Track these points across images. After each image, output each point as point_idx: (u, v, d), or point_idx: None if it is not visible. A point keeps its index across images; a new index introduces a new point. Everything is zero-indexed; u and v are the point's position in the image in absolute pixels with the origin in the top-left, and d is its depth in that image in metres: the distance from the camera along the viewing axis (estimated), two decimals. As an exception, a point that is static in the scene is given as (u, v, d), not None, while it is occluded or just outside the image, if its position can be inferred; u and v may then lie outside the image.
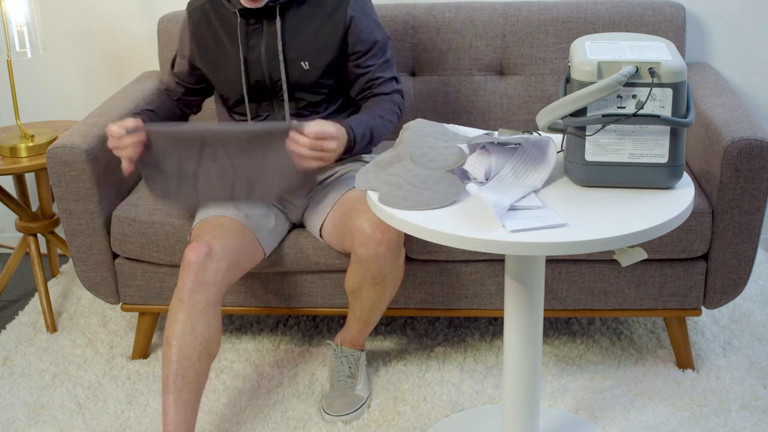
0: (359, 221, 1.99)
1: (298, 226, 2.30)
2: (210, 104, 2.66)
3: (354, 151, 2.05)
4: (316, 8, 2.15)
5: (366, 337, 2.28)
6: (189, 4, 2.23)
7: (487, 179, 1.67)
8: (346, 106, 2.26)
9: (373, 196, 1.67)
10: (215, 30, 2.18)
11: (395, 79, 2.22)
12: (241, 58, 2.14)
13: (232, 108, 2.25)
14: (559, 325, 2.57)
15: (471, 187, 1.59)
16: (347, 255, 2.21)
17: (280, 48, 2.12)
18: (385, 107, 2.16)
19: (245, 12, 2.13)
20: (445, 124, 1.87)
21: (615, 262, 2.26)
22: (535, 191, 1.66)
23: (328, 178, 2.25)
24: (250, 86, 2.17)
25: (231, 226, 2.07)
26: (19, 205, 2.73)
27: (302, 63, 2.14)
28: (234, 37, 2.15)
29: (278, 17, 2.12)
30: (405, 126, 1.85)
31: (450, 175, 1.68)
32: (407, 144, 1.76)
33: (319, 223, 2.18)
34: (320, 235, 2.20)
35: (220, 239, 2.01)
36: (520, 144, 1.72)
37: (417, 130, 1.81)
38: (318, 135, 1.90)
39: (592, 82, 1.61)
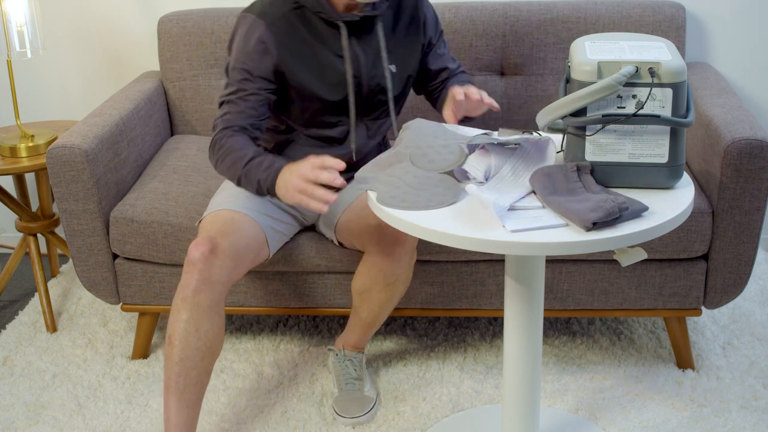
0: (376, 220, 1.99)
1: (307, 229, 2.28)
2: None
3: None
4: (398, 11, 2.12)
5: (368, 340, 2.28)
6: (260, 17, 2.01)
7: (486, 179, 1.66)
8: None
9: (372, 196, 1.67)
10: (309, 41, 2.04)
11: (458, 64, 2.25)
12: (349, 71, 2.04)
13: (315, 118, 2.10)
14: (559, 325, 2.57)
15: (471, 187, 1.59)
16: (354, 253, 2.21)
17: (384, 56, 2.07)
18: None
19: (347, 23, 2.04)
20: (445, 124, 1.87)
21: (615, 262, 2.26)
22: (535, 191, 1.66)
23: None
24: (332, 92, 2.08)
25: (242, 221, 2.04)
26: (19, 205, 2.73)
27: (390, 66, 2.10)
28: (334, 49, 2.04)
29: (379, 23, 2.07)
30: (405, 126, 1.85)
31: (448, 178, 1.68)
32: (406, 145, 1.76)
33: (335, 222, 2.17)
34: (335, 234, 2.19)
35: (227, 236, 1.98)
36: (519, 144, 1.72)
37: (417, 131, 1.80)
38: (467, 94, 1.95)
39: (592, 82, 1.61)
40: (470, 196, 1.64)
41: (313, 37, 2.03)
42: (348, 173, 2.17)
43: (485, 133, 1.78)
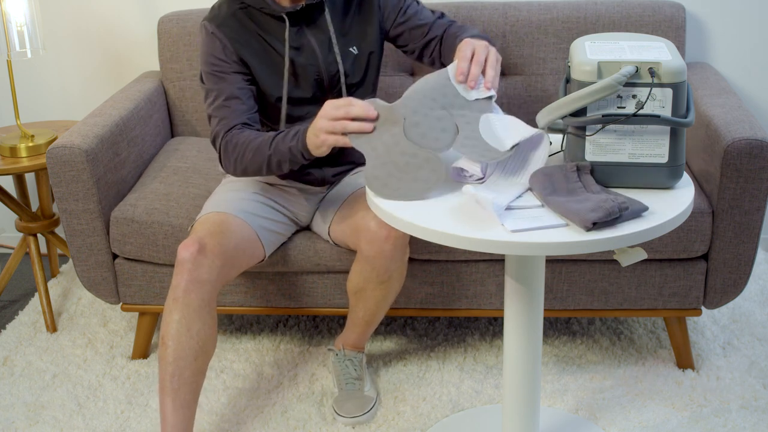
0: (365, 218, 1.99)
1: (304, 229, 2.29)
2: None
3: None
4: None
5: (367, 339, 2.28)
6: (210, 21, 2.06)
7: (484, 175, 1.66)
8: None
9: (370, 195, 1.67)
10: (258, 36, 2.07)
11: (441, 15, 2.16)
12: (287, 62, 2.06)
13: (278, 113, 2.13)
14: (559, 325, 2.57)
15: (468, 187, 1.59)
16: (352, 253, 2.21)
17: (334, 40, 2.08)
18: (467, 31, 2.08)
19: (290, 14, 2.06)
20: (450, 71, 1.79)
21: (615, 262, 2.26)
22: (531, 189, 1.66)
23: (338, 175, 2.24)
24: (296, 87, 2.09)
25: (231, 222, 2.06)
26: (19, 205, 2.73)
27: (350, 49, 2.10)
28: (281, 41, 2.07)
29: (327, 9, 2.07)
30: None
31: (434, 159, 1.66)
32: (404, 103, 1.72)
33: (328, 222, 2.18)
34: (328, 233, 2.19)
35: (215, 236, 1.99)
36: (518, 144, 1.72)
37: (415, 90, 1.76)
38: (478, 59, 1.79)
39: (592, 82, 1.61)
40: (468, 195, 1.64)
41: (263, 33, 2.07)
42: (333, 167, 2.19)
43: (489, 97, 1.75)
